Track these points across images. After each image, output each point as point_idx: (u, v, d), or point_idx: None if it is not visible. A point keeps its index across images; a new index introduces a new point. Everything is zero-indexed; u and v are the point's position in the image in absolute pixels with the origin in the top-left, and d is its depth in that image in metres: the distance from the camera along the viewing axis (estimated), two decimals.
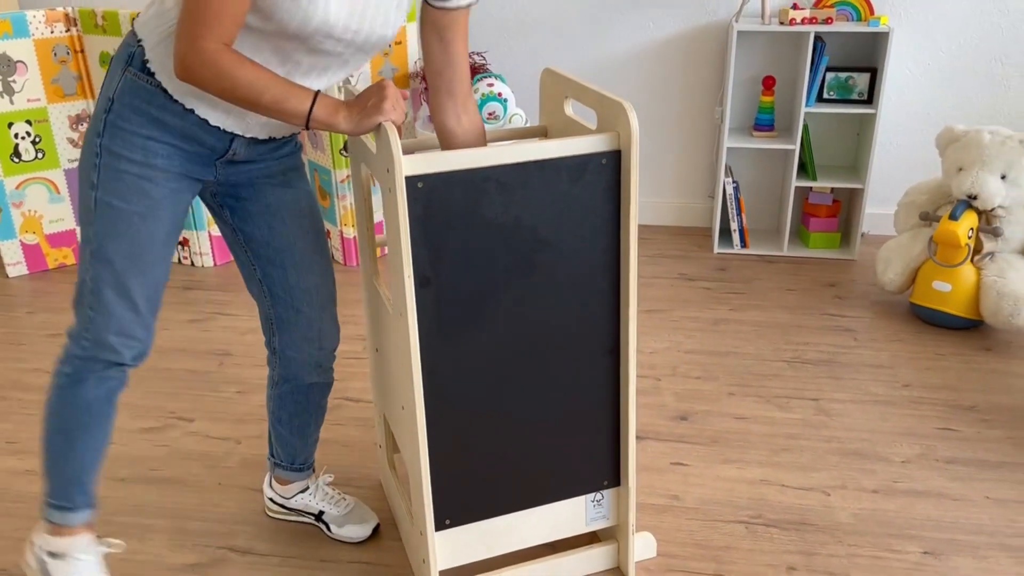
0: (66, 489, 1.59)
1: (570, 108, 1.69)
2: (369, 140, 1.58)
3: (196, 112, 1.41)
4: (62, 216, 3.25)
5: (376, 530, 1.89)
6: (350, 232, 3.21)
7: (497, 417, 1.58)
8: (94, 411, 1.54)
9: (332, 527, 1.88)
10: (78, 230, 3.26)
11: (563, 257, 1.51)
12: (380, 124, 1.36)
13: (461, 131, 1.58)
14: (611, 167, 1.48)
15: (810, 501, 1.99)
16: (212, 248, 3.28)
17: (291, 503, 1.91)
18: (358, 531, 1.87)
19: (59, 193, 3.22)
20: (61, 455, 1.57)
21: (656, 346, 2.66)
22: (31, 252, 3.24)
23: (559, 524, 1.72)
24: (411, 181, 1.37)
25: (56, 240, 3.27)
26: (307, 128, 1.35)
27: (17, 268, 3.24)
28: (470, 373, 1.53)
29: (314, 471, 1.91)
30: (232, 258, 3.24)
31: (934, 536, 1.87)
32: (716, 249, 3.34)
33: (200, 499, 2.03)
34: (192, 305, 2.99)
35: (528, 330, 1.54)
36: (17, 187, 3.14)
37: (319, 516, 1.90)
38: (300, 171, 1.64)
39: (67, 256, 3.32)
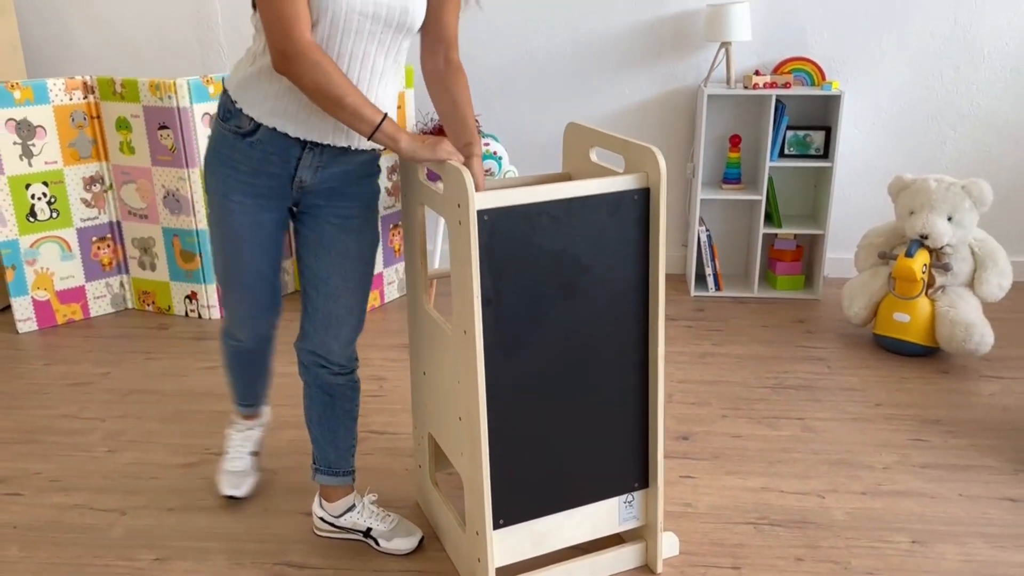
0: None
1: (594, 155, 1.95)
2: (421, 177, 1.81)
3: (268, 124, 1.68)
4: (72, 273, 3.38)
5: (421, 542, 2.05)
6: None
7: (544, 424, 1.78)
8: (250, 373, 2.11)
9: (381, 541, 2.04)
10: (88, 287, 3.40)
11: (601, 280, 1.74)
12: (445, 162, 1.60)
13: (448, 67, 1.81)
14: (641, 202, 1.73)
15: (807, 503, 2.22)
16: (219, 300, 3.43)
17: (340, 521, 2.07)
18: (406, 543, 2.03)
19: (70, 251, 3.36)
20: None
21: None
22: (41, 308, 3.35)
23: (596, 524, 1.91)
24: (479, 214, 1.60)
25: (65, 296, 3.39)
26: (370, 138, 1.61)
27: (27, 324, 3.34)
28: (522, 384, 1.74)
29: (354, 483, 2.08)
30: None
31: (919, 528, 2.11)
32: (693, 292, 3.62)
33: (249, 523, 2.16)
34: (206, 354, 3.12)
35: (571, 345, 1.76)
36: (31, 245, 3.26)
37: (367, 532, 2.05)
38: (362, 226, 1.85)
39: (75, 312, 3.43)
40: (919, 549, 2.04)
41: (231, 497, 2.24)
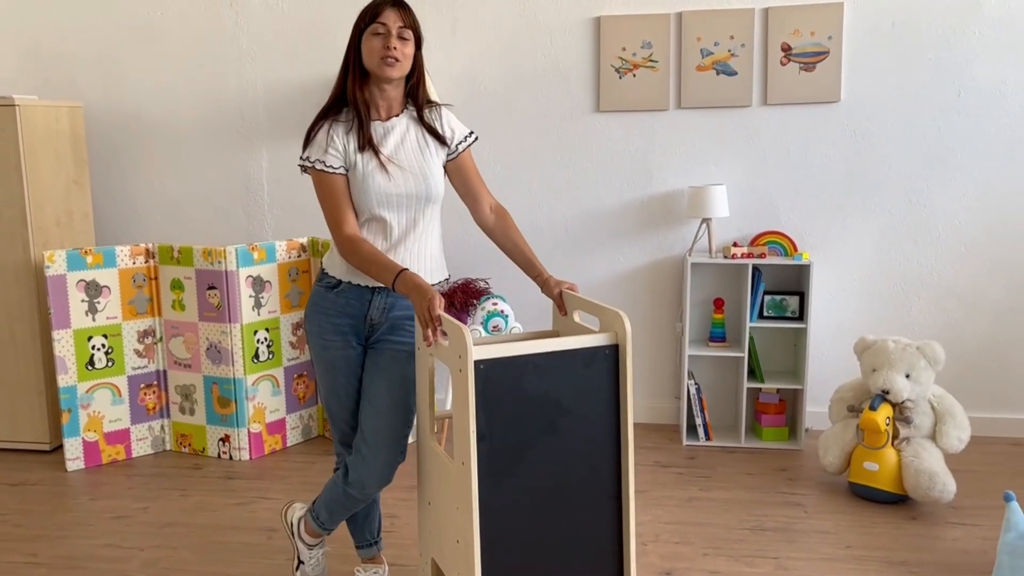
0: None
1: (578, 317, 2.34)
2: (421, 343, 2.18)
3: (347, 280, 2.29)
4: (120, 416, 3.75)
5: None
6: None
7: (530, 547, 2.07)
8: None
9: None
10: (132, 429, 3.75)
11: (579, 421, 2.08)
12: (444, 328, 2.00)
13: (496, 217, 2.43)
14: (612, 356, 2.09)
15: None
16: (249, 444, 3.77)
17: (300, 543, 2.64)
18: None
19: (121, 396, 3.74)
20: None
21: (641, 519, 3.15)
22: (89, 448, 3.70)
23: None
24: (476, 364, 1.96)
25: (112, 438, 3.74)
26: (393, 287, 2.12)
27: (76, 463, 3.68)
28: (511, 510, 2.04)
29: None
30: (265, 452, 3.77)
31: None
32: (685, 441, 3.91)
33: None
34: (235, 492, 3.43)
35: (554, 476, 2.07)
36: (87, 391, 3.65)
37: (299, 564, 2.60)
38: (409, 357, 2.33)
39: (119, 452, 3.77)
40: None
41: None
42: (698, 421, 3.89)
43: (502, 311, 3.68)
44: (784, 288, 3.94)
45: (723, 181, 3.97)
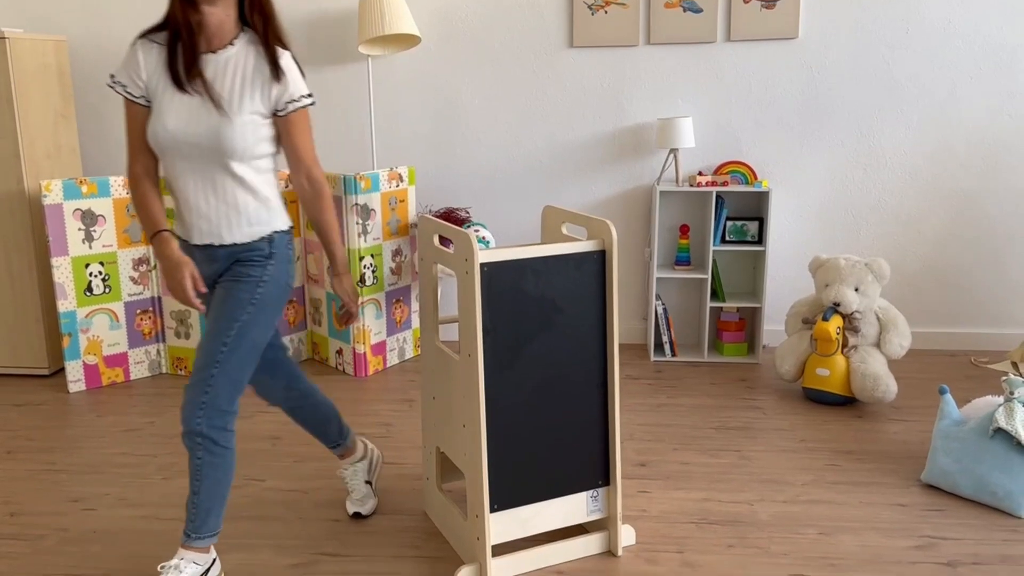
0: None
1: (565, 229, 2.58)
2: (435, 242, 2.41)
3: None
4: (118, 341, 3.92)
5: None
6: (361, 348, 3.96)
7: (528, 429, 2.34)
8: None
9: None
10: (130, 353, 3.92)
11: (571, 318, 2.34)
12: (451, 237, 2.21)
13: (311, 191, 2.29)
14: (599, 260, 2.34)
15: (740, 509, 2.76)
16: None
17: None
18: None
19: (118, 321, 3.91)
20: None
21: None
22: (90, 371, 3.87)
23: (569, 513, 2.44)
24: (481, 266, 2.20)
25: (111, 361, 3.92)
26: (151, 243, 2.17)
27: (77, 385, 3.85)
28: (512, 397, 2.30)
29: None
30: None
31: (826, 524, 2.66)
32: (652, 358, 4.21)
33: (288, 527, 2.66)
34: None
35: (549, 367, 2.33)
36: (86, 316, 3.81)
37: None
38: (234, 289, 2.23)
39: (118, 375, 3.95)
40: (825, 539, 2.57)
41: (356, 514, 2.70)
42: (664, 339, 4.19)
43: (484, 237, 3.91)
44: (745, 214, 4.22)
45: (690, 114, 4.21)
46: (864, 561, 2.45)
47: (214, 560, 2.31)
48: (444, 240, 3.69)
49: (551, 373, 2.34)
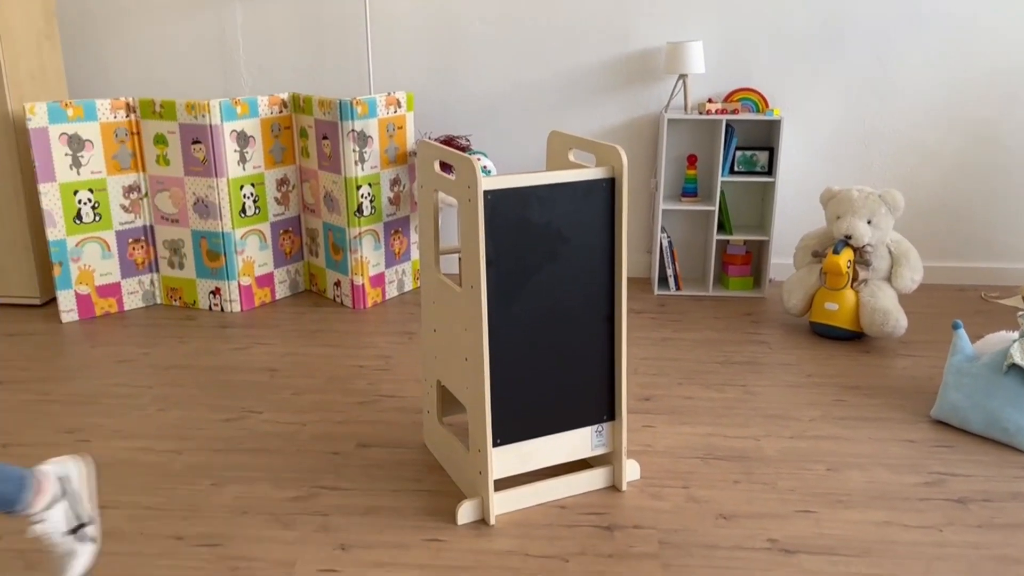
0: None
1: (572, 156, 2.46)
2: (436, 168, 2.30)
3: None
4: (110, 271, 3.83)
5: None
6: (359, 280, 3.88)
7: (532, 362, 2.27)
8: None
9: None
10: (123, 283, 3.84)
11: (578, 248, 2.24)
12: (452, 163, 2.10)
13: None
14: (609, 188, 2.24)
15: (746, 444, 2.71)
16: (240, 296, 3.89)
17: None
18: None
19: (110, 250, 3.81)
20: None
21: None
22: (83, 301, 3.79)
23: (573, 448, 2.39)
24: (484, 193, 2.09)
25: (104, 291, 3.83)
26: None
27: (70, 315, 3.77)
28: (516, 330, 2.22)
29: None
30: (256, 305, 3.87)
31: (833, 460, 2.61)
32: (656, 291, 4.13)
33: (286, 460, 2.61)
34: (232, 339, 3.58)
35: (554, 299, 2.25)
36: (76, 244, 3.71)
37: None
38: None
39: (111, 305, 3.87)
40: (832, 474, 2.53)
41: None
42: (669, 272, 4.11)
43: (484, 166, 3.79)
44: (755, 144, 4.09)
45: (700, 37, 4.04)
46: (872, 497, 2.40)
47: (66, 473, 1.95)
48: (445, 167, 3.57)
49: (556, 305, 2.26)
